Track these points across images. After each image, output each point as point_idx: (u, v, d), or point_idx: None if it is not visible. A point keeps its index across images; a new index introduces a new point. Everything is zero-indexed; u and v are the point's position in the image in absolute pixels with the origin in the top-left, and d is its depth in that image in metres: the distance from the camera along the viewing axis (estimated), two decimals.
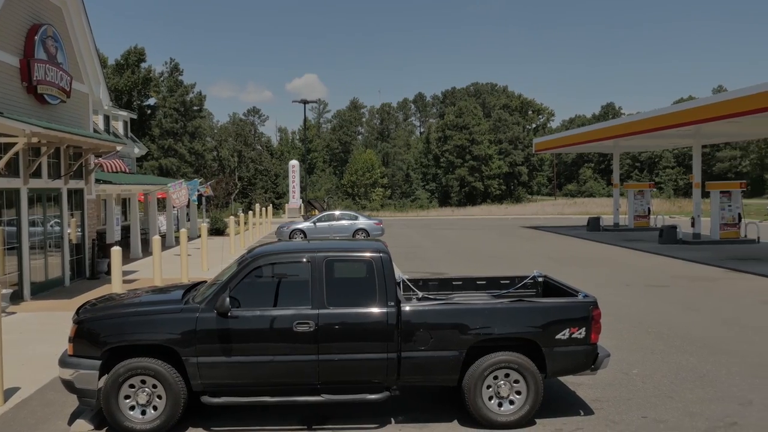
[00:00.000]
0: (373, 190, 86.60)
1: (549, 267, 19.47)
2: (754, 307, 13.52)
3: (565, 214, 56.48)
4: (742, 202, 27.80)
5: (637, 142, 38.65)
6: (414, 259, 22.80)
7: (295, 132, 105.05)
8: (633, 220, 35.40)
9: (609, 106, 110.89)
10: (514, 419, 6.85)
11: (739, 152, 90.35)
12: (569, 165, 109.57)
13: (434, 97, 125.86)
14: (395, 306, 6.82)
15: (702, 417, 7.21)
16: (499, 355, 6.84)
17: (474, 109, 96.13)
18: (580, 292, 7.39)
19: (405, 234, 35.08)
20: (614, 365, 9.04)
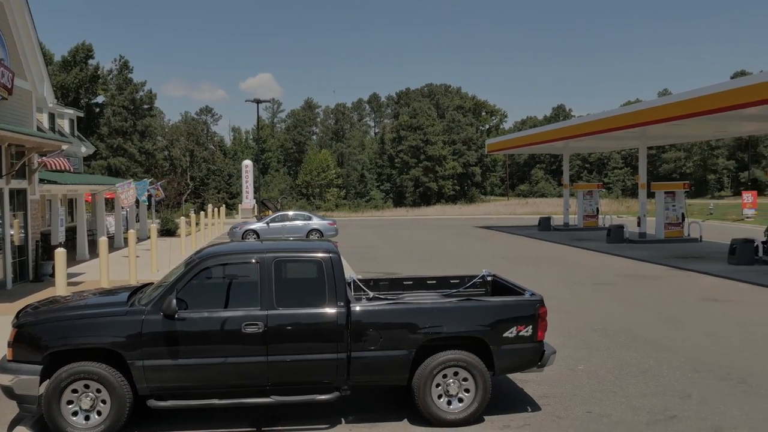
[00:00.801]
0: (328, 191, 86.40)
1: (501, 266, 19.76)
2: (695, 304, 13.99)
3: (518, 214, 57.36)
4: (685, 202, 28.71)
5: (587, 144, 39.54)
6: (368, 259, 22.84)
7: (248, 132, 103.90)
8: (582, 220, 36.20)
9: (560, 108, 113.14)
10: (463, 417, 6.94)
11: (684, 154, 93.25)
12: (522, 166, 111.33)
13: (389, 97, 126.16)
14: (345, 306, 6.83)
15: (644, 411, 7.43)
16: (448, 353, 6.92)
17: (428, 110, 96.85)
18: (526, 291, 7.53)
19: (359, 234, 35.10)
20: (561, 362, 9.25)
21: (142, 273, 17.50)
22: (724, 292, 15.41)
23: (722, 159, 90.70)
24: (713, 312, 13.04)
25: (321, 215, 38.86)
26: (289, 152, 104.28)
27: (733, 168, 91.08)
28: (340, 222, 40.14)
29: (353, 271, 18.70)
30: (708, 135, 38.64)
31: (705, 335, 11.03)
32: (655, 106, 23.84)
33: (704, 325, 11.86)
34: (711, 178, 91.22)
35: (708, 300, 14.37)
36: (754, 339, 10.73)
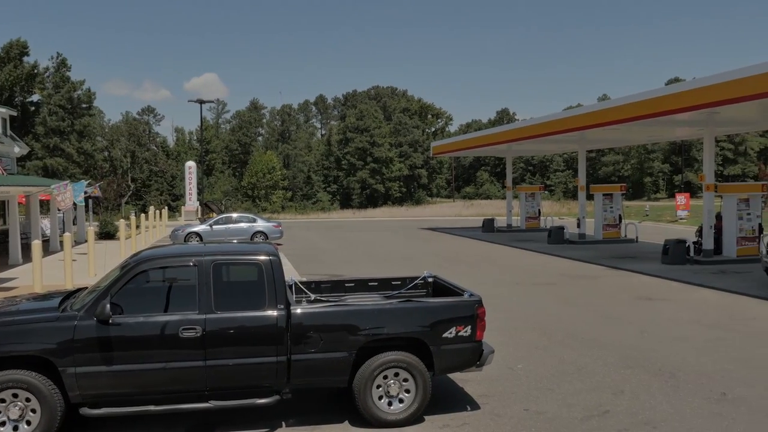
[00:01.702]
0: (274, 192, 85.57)
1: (444, 267, 19.98)
2: (630, 302, 14.46)
3: (463, 215, 58.09)
4: (622, 204, 29.62)
5: (529, 147, 40.38)
6: (313, 261, 22.75)
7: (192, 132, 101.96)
8: (525, 222, 36.90)
9: (504, 111, 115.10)
10: (404, 417, 6.99)
11: (622, 157, 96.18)
12: (467, 168, 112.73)
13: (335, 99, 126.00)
14: (285, 309, 6.79)
15: (579, 407, 7.65)
16: (388, 354, 6.96)
17: (374, 112, 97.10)
18: (466, 292, 7.64)
19: (305, 236, 34.93)
20: (501, 361, 9.41)
21: (79, 277, 16.98)
22: (657, 290, 15.98)
23: (658, 162, 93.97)
24: (647, 310, 13.50)
25: (266, 217, 38.48)
26: (234, 153, 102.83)
27: (667, 171, 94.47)
28: (286, 224, 39.81)
29: (298, 273, 18.62)
30: (644, 139, 39.96)
31: (638, 333, 11.41)
32: (594, 111, 24.52)
33: (638, 322, 12.26)
34: (647, 181, 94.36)
35: (642, 299, 14.87)
36: (683, 335, 11.16)
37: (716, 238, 21.32)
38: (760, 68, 16.17)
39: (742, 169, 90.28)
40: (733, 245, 20.90)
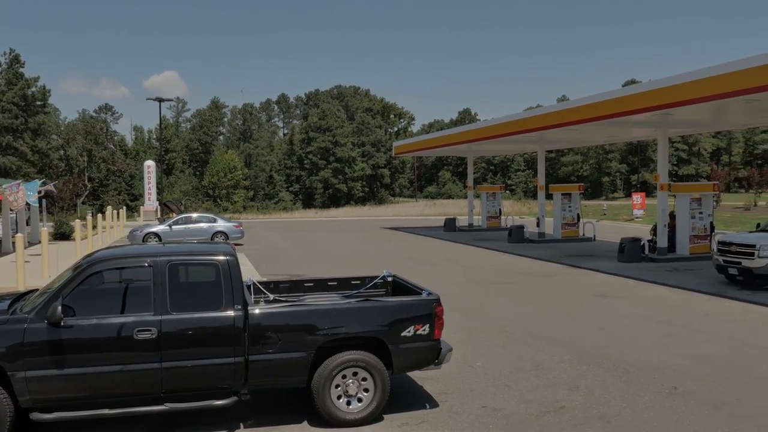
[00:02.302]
0: (235, 192, 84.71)
1: (406, 267, 20.06)
2: (587, 300, 14.74)
3: (425, 215, 58.36)
4: (580, 203, 30.13)
5: (489, 147, 40.79)
6: (274, 261, 22.60)
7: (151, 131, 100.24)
8: (486, 221, 37.25)
9: (466, 111, 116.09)
10: (362, 416, 7.01)
11: (581, 157, 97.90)
12: (429, 168, 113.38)
13: (297, 98, 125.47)
14: (243, 309, 6.74)
15: (535, 403, 7.76)
16: (347, 354, 6.97)
17: (337, 112, 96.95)
18: (424, 291, 7.69)
19: (267, 236, 34.67)
20: (460, 359, 9.51)
21: (32, 279, 16.53)
22: (613, 288, 16.31)
23: (615, 162, 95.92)
24: (603, 307, 13.78)
25: (227, 217, 38.06)
26: (195, 153, 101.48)
27: (625, 171, 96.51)
28: (247, 224, 39.44)
29: (259, 273, 18.48)
30: (601, 140, 40.74)
31: (595, 330, 11.64)
32: (553, 111, 24.90)
33: (594, 319, 12.51)
34: (605, 181, 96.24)
35: (599, 296, 15.17)
36: (638, 332, 11.42)
37: (670, 236, 21.86)
38: (710, 71, 16.63)
39: (695, 169, 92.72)
40: (686, 243, 21.46)
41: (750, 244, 15.39)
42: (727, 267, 16.01)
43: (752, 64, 15.23)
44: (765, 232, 16.48)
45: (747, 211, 45.71)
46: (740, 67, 15.58)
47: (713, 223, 21.94)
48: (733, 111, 20.27)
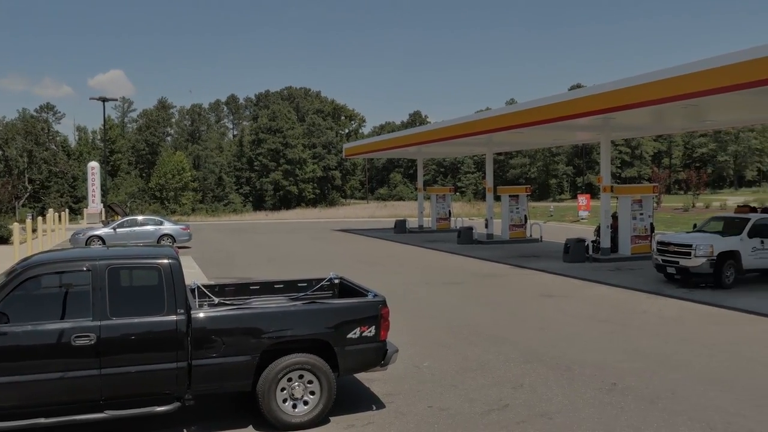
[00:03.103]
0: (183, 194, 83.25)
1: (356, 268, 20.08)
2: (533, 299, 15.02)
3: (376, 217, 58.47)
4: (527, 205, 30.70)
5: (439, 149, 41.19)
6: (223, 264, 22.31)
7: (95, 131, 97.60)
8: (436, 223, 37.58)
9: (416, 114, 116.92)
10: (308, 419, 6.99)
11: (529, 160, 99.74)
12: (381, 170, 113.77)
13: (247, 99, 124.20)
14: (185, 313, 6.64)
15: (480, 402, 7.88)
16: (292, 357, 6.94)
17: (288, 113, 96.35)
18: (370, 292, 7.72)
19: (215, 239, 34.17)
20: (407, 359, 9.58)
21: None
22: (558, 288, 16.67)
23: (562, 165, 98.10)
24: (548, 306, 14.07)
25: (175, 220, 37.35)
26: (141, 154, 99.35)
27: (571, 173, 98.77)
28: (196, 226, 38.83)
29: (206, 277, 18.22)
30: (548, 142, 41.60)
31: (539, 328, 11.88)
32: (500, 114, 25.29)
33: (539, 319, 12.76)
34: (553, 183, 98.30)
35: (544, 296, 15.48)
36: (580, 330, 11.71)
37: (613, 236, 22.49)
38: (651, 77, 17.17)
39: (638, 172, 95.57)
40: (627, 243, 22.11)
41: (687, 244, 15.96)
42: (665, 266, 16.55)
43: (689, 71, 15.79)
44: (701, 232, 17.11)
45: (686, 212, 47.32)
46: (678, 73, 16.14)
47: (653, 224, 22.66)
48: (672, 115, 20.97)
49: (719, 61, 14.94)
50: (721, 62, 14.85)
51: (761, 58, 13.80)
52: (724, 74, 14.77)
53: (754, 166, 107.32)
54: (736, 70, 14.47)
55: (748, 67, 14.16)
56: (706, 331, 11.55)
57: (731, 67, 14.59)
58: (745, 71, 14.24)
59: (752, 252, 16.06)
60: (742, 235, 16.06)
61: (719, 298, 14.43)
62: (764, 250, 16.15)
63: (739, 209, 18.15)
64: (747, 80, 14.21)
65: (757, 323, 12.22)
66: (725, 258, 15.71)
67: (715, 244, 15.77)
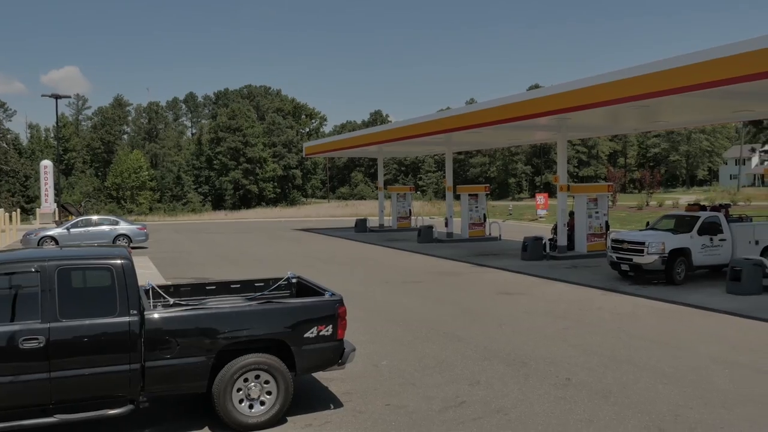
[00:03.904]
0: (140, 193, 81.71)
1: (316, 267, 20.03)
2: (491, 297, 15.20)
3: (337, 216, 58.34)
4: (486, 203, 31.02)
5: (400, 148, 41.34)
6: (180, 264, 21.99)
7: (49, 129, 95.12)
8: (396, 221, 37.70)
9: (378, 113, 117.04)
10: (265, 419, 6.95)
11: (488, 159, 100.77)
12: (342, 169, 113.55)
13: (206, 97, 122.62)
14: (138, 314, 6.53)
15: (437, 399, 7.94)
16: (249, 357, 6.89)
17: (247, 112, 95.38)
18: (327, 291, 7.71)
19: (173, 239, 33.66)
20: (366, 358, 9.60)
21: None
22: (516, 285, 16.90)
23: (521, 164, 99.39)
24: (505, 304, 14.26)
25: (131, 219, 36.66)
26: (97, 152, 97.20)
27: (529, 172, 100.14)
28: (153, 226, 38.21)
29: (163, 277, 17.94)
30: (506, 142, 42.08)
31: (496, 326, 12.03)
32: (460, 114, 25.50)
33: (497, 316, 12.92)
34: (512, 182, 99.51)
35: (502, 293, 15.68)
36: (537, 327, 11.90)
37: (569, 235, 22.88)
38: (605, 78, 17.53)
39: (594, 171, 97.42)
40: (583, 241, 22.53)
41: (640, 242, 16.35)
42: (619, 263, 16.92)
43: (642, 72, 16.16)
44: (653, 230, 17.54)
45: (640, 211, 48.46)
46: (632, 74, 16.51)
47: (608, 222, 23.14)
48: (626, 116, 21.44)
49: (670, 63, 15.34)
50: (672, 64, 15.26)
51: (710, 61, 14.21)
52: (675, 76, 15.17)
53: (705, 166, 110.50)
54: (686, 73, 14.88)
55: (697, 69, 14.57)
56: (658, 327, 11.85)
57: (682, 69, 14.99)
58: (694, 74, 14.65)
59: (702, 249, 16.53)
60: (692, 232, 16.53)
61: (671, 294, 14.82)
62: (713, 247, 16.65)
63: (689, 208, 18.65)
64: (696, 82, 14.62)
65: (706, 318, 12.60)
66: (676, 255, 16.14)
67: (666, 241, 16.19)
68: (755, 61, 13.20)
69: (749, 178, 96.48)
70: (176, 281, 11.75)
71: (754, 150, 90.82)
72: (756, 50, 13.16)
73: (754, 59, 13.22)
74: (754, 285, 14.58)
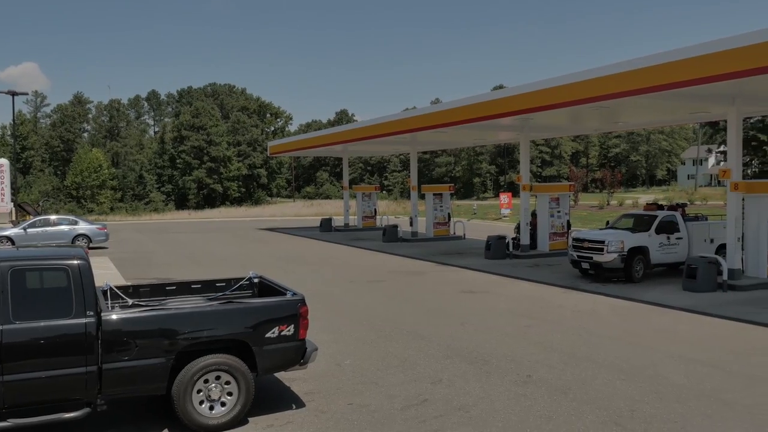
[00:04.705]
0: (101, 193, 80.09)
1: (280, 267, 19.92)
2: (454, 296, 15.31)
3: (303, 215, 58.10)
4: (451, 203, 31.22)
5: (365, 148, 41.35)
6: (142, 264, 21.64)
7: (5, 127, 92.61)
8: (361, 221, 37.71)
9: (343, 112, 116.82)
10: (226, 420, 6.90)
11: (453, 159, 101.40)
12: (307, 168, 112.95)
13: (169, 95, 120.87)
14: (95, 316, 6.42)
15: (400, 398, 7.98)
16: (209, 358, 6.83)
17: (211, 110, 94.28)
18: (289, 291, 7.68)
19: (135, 239, 33.11)
20: (329, 357, 9.60)
21: None
22: (479, 284, 17.06)
23: (486, 164, 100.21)
24: (468, 302, 14.38)
25: (92, 219, 35.95)
26: (56, 151, 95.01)
27: (494, 172, 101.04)
28: (114, 226, 37.55)
29: (123, 278, 17.65)
30: (471, 142, 42.32)
31: (460, 324, 12.12)
32: (424, 114, 25.59)
33: (460, 314, 13.02)
34: (477, 181, 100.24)
35: (465, 292, 15.80)
36: (499, 325, 12.03)
37: (532, 234, 23.18)
38: (567, 79, 17.77)
39: (557, 171, 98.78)
40: (546, 240, 22.85)
41: (600, 240, 16.65)
42: (580, 262, 17.21)
43: (602, 74, 16.44)
44: (613, 229, 17.87)
45: (601, 210, 49.33)
46: (592, 76, 16.78)
47: (569, 221, 23.51)
48: (587, 116, 21.79)
49: (629, 65, 15.63)
50: (630, 66, 15.55)
51: (666, 64, 14.53)
52: (633, 78, 15.46)
53: (664, 166, 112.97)
54: (643, 75, 15.18)
55: (654, 72, 14.88)
56: (617, 324, 12.09)
57: (639, 71, 15.29)
58: (651, 76, 14.96)
59: (659, 247, 16.91)
60: (650, 231, 16.89)
61: (629, 292, 15.13)
62: (670, 245, 17.05)
63: (647, 207, 19.05)
64: (653, 84, 14.94)
65: (663, 315, 12.89)
66: (635, 253, 16.48)
67: (625, 240, 16.51)
68: (705, 65, 13.57)
69: (706, 178, 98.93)
70: (136, 282, 11.56)
71: (711, 151, 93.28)
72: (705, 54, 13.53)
73: (705, 63, 13.59)
74: (709, 282, 14.97)
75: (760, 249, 16.06)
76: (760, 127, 37.01)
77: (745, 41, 12.86)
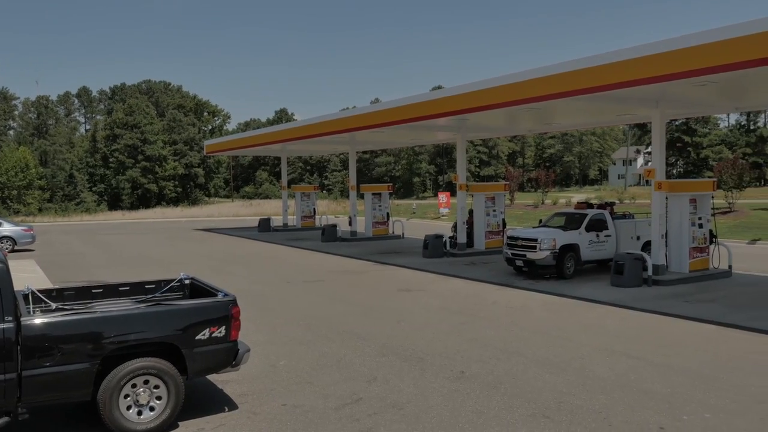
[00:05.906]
0: (28, 193, 76.86)
1: (216, 268, 19.60)
2: (391, 294, 15.41)
3: (241, 215, 57.27)
4: (390, 202, 31.36)
5: (303, 147, 41.09)
6: (70, 267, 20.90)
7: None
8: (300, 221, 37.46)
9: (283, 111, 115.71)
10: (155, 425, 6.75)
11: (393, 158, 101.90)
12: (246, 167, 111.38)
13: (101, 92, 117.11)
14: (14, 321, 6.17)
15: (334, 397, 7.98)
16: (137, 362, 6.67)
17: (146, 108, 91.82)
18: (220, 292, 7.58)
19: (64, 240, 31.94)
20: (263, 359, 9.51)
21: None
22: (416, 282, 17.22)
23: (425, 164, 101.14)
24: (405, 301, 14.50)
25: (18, 220, 34.50)
26: None
27: (433, 172, 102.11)
28: (43, 227, 36.16)
29: (50, 281, 17.03)
30: (409, 142, 42.63)
31: (396, 322, 12.21)
32: (363, 113, 25.61)
33: (397, 312, 13.11)
34: (416, 181, 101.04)
35: (402, 290, 15.92)
36: (434, 322, 12.18)
37: (469, 232, 23.55)
38: (501, 80, 18.10)
39: (494, 171, 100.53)
40: (482, 239, 23.24)
41: (533, 238, 17.06)
42: (514, 259, 17.59)
43: (535, 76, 16.83)
44: (546, 227, 18.34)
45: (536, 209, 50.43)
46: (525, 78, 17.16)
47: (505, 220, 23.98)
48: (521, 117, 22.26)
49: (561, 68, 16.05)
50: (562, 69, 15.97)
51: (595, 67, 15.01)
52: (565, 80, 15.89)
53: (596, 166, 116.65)
54: (574, 77, 15.63)
55: (584, 74, 15.35)
56: (548, 319, 12.43)
57: (571, 74, 15.72)
58: (582, 78, 15.42)
59: (589, 245, 17.46)
60: (581, 229, 17.42)
61: (561, 288, 15.56)
62: (599, 242, 17.62)
63: (577, 206, 19.63)
64: (583, 86, 15.40)
65: (591, 310, 13.32)
66: (566, 251, 16.96)
67: (557, 238, 16.98)
68: (631, 69, 14.08)
69: (635, 178, 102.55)
70: (61, 285, 11.17)
71: (639, 151, 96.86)
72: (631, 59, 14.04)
73: (630, 67, 14.10)
74: (636, 278, 15.56)
75: (682, 245, 16.78)
76: (684, 130, 38.69)
77: (668, 47, 13.42)
